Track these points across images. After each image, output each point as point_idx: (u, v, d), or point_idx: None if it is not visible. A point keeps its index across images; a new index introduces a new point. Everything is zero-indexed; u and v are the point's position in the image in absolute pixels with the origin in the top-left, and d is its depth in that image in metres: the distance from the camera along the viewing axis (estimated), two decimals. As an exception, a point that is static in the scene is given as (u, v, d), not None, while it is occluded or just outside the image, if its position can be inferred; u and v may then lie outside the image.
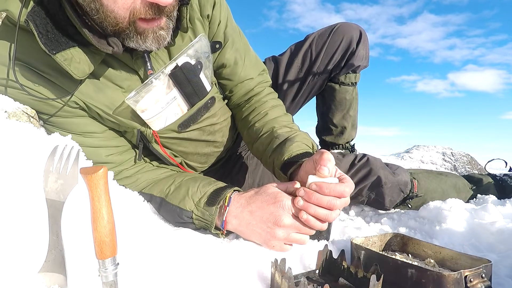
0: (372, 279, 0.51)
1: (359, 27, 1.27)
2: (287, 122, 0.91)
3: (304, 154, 0.78)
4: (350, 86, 1.34)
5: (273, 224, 0.66)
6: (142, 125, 0.80)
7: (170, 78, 0.75)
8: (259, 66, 1.00)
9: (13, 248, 0.46)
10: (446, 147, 2.96)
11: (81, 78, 0.66)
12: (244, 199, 0.71)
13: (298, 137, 0.83)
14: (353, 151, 1.51)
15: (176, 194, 0.76)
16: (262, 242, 0.69)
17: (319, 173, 0.65)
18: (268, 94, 0.99)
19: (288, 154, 0.79)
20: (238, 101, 0.98)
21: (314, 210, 0.65)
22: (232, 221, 0.70)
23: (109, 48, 0.63)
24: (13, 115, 0.67)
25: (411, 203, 1.14)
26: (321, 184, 0.64)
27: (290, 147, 0.79)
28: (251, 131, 0.93)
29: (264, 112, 0.92)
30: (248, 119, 0.95)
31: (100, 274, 0.43)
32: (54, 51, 0.61)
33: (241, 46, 0.93)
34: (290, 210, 0.67)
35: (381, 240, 0.78)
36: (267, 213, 0.67)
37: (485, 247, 0.84)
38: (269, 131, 0.88)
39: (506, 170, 1.40)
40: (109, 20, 0.59)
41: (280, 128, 0.88)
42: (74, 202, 0.53)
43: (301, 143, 0.81)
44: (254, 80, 0.96)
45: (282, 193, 0.69)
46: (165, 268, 0.56)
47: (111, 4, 0.56)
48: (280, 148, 0.82)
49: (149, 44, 0.63)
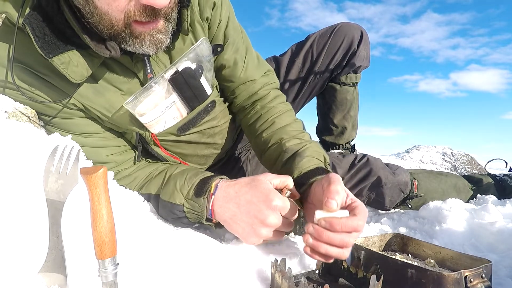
0: (372, 279, 0.51)
1: (360, 27, 1.27)
2: (297, 131, 0.85)
3: (315, 171, 0.73)
4: (351, 86, 1.35)
5: (259, 222, 0.64)
6: (140, 129, 0.79)
7: (169, 83, 0.74)
8: (262, 67, 0.95)
9: (13, 248, 0.46)
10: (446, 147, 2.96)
11: (79, 81, 0.65)
12: (233, 190, 0.68)
13: (308, 151, 0.78)
14: (353, 151, 1.51)
15: (166, 189, 0.75)
16: (243, 237, 0.67)
17: (326, 207, 0.59)
18: (275, 98, 0.93)
19: (298, 171, 0.74)
20: (242, 104, 0.95)
21: (325, 249, 0.58)
22: (217, 210, 0.69)
23: (106, 52, 0.62)
24: (13, 115, 0.67)
25: (411, 203, 1.14)
26: (331, 221, 0.58)
27: (300, 164, 0.75)
28: (258, 141, 0.89)
29: (271, 120, 0.87)
30: (255, 128, 0.90)
31: (100, 274, 0.43)
32: (51, 55, 0.60)
33: (242, 46, 0.90)
34: (278, 211, 0.65)
35: (381, 240, 0.78)
36: (255, 210, 0.65)
37: (485, 247, 0.84)
38: (277, 143, 0.84)
39: (506, 170, 1.41)
40: (104, 22, 0.57)
41: (289, 139, 0.82)
42: (74, 202, 0.53)
43: (311, 157, 0.76)
44: (257, 82, 0.92)
45: (274, 192, 0.66)
46: (165, 268, 0.56)
47: (104, 7, 0.55)
48: (289, 164, 0.77)
49: (146, 48, 0.62)
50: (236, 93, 0.93)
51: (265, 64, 0.97)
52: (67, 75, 0.63)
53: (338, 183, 0.62)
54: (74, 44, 0.63)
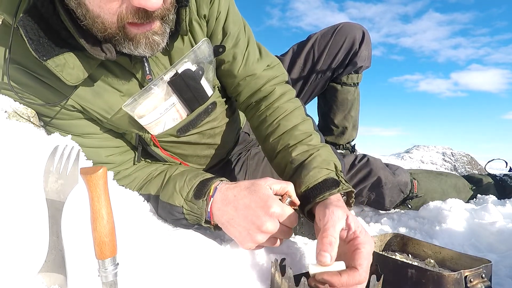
0: (372, 279, 0.51)
1: (362, 27, 1.27)
2: (304, 135, 0.79)
3: (322, 184, 0.68)
4: (352, 86, 1.35)
5: (256, 228, 0.63)
6: (140, 130, 0.79)
7: (169, 85, 0.74)
8: (265, 59, 0.88)
9: (13, 248, 0.46)
10: (446, 147, 2.96)
11: (74, 84, 0.64)
12: (232, 193, 0.67)
13: (315, 161, 0.73)
14: (354, 151, 1.51)
15: (165, 190, 0.75)
16: (239, 241, 0.66)
17: (319, 261, 0.54)
18: (281, 96, 0.86)
19: (305, 186, 0.70)
20: (246, 102, 0.90)
21: None
22: (215, 213, 0.68)
23: (102, 54, 0.61)
24: (13, 115, 0.67)
25: (411, 203, 1.14)
26: (330, 280, 0.53)
27: (306, 178, 0.70)
28: (266, 147, 0.85)
29: (276, 123, 0.82)
30: (261, 132, 0.86)
31: (100, 274, 0.43)
32: (45, 57, 0.59)
33: (242, 40, 0.85)
34: (276, 218, 0.64)
35: (381, 240, 0.78)
36: (253, 215, 0.64)
37: (485, 247, 0.84)
38: (284, 150, 0.79)
39: (506, 170, 1.41)
40: (96, 25, 0.56)
41: (295, 147, 0.77)
42: (74, 202, 0.53)
43: (319, 168, 0.71)
44: (259, 76, 0.86)
45: (273, 198, 0.65)
46: (165, 268, 0.56)
47: (96, 9, 0.54)
48: (296, 177, 0.73)
49: (141, 50, 0.60)
50: (238, 90, 0.89)
51: (268, 56, 0.91)
52: (62, 78, 0.62)
53: (332, 228, 0.56)
54: (70, 46, 0.61)
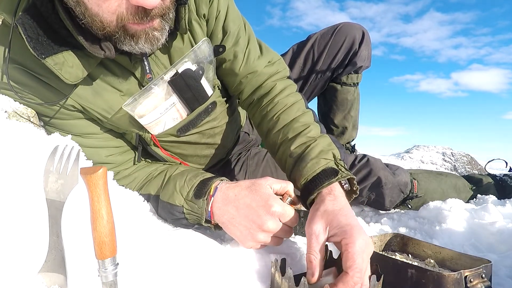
0: (372, 279, 0.51)
1: (361, 27, 1.27)
2: (303, 126, 0.78)
3: (321, 174, 0.68)
4: (352, 86, 1.35)
5: (257, 227, 0.64)
6: (140, 130, 0.79)
7: (169, 85, 0.74)
8: (266, 56, 0.88)
9: (13, 248, 0.46)
10: (446, 147, 2.96)
11: (73, 82, 0.64)
12: (233, 192, 0.68)
13: (313, 151, 0.73)
14: (354, 151, 1.51)
15: (165, 190, 0.75)
16: (240, 240, 0.67)
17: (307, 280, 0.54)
18: (282, 90, 0.86)
19: (304, 179, 0.70)
20: (248, 100, 0.90)
21: None
22: (216, 212, 0.68)
23: (101, 53, 0.61)
24: (13, 115, 0.67)
25: (411, 204, 1.14)
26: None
27: (305, 170, 0.70)
28: (268, 143, 0.85)
29: (276, 117, 0.82)
30: (262, 128, 0.86)
31: (100, 274, 0.43)
32: (43, 55, 0.59)
33: (243, 38, 0.85)
34: (277, 217, 0.64)
35: (381, 240, 0.78)
36: (254, 215, 0.64)
37: (485, 247, 0.84)
38: (284, 144, 0.79)
39: (506, 170, 1.41)
40: (95, 24, 0.56)
41: (294, 140, 0.77)
42: (74, 202, 0.53)
43: (317, 159, 0.71)
44: (260, 73, 0.86)
45: (274, 198, 0.65)
46: (165, 268, 0.56)
47: (95, 8, 0.54)
48: (295, 170, 0.74)
49: (141, 46, 0.61)
50: (240, 89, 0.89)
51: (269, 52, 0.90)
52: (61, 76, 0.62)
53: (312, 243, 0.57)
54: (69, 45, 0.61)
